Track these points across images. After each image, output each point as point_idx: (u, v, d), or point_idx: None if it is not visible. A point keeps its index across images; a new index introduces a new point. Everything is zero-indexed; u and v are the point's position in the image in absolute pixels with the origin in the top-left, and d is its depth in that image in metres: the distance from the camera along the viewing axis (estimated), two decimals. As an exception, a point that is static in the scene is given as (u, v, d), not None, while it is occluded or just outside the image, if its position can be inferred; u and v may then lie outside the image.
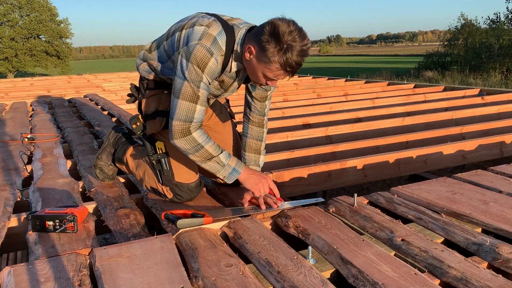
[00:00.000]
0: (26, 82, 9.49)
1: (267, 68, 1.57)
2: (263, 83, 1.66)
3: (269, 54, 1.52)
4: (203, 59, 1.58)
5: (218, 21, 1.65)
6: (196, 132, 1.66)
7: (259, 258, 1.38)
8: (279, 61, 1.52)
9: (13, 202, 1.97)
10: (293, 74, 1.60)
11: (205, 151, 1.66)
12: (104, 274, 1.28)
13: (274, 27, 1.50)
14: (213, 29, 1.62)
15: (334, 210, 1.76)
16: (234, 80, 1.80)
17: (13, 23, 28.11)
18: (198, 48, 1.58)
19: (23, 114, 4.64)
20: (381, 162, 2.63)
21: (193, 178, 1.88)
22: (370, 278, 1.22)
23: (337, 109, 4.68)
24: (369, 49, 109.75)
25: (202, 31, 1.61)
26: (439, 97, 5.36)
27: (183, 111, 1.63)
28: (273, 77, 1.60)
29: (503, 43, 17.06)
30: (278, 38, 1.49)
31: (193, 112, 1.64)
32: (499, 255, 1.33)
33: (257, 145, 1.98)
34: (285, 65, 1.53)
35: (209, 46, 1.59)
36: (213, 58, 1.60)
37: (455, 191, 1.90)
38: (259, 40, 1.54)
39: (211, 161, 1.68)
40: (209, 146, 1.67)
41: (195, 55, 1.58)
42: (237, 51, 1.66)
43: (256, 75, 1.64)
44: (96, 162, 2.13)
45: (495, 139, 3.08)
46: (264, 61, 1.55)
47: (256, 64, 1.59)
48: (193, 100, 1.63)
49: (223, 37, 1.63)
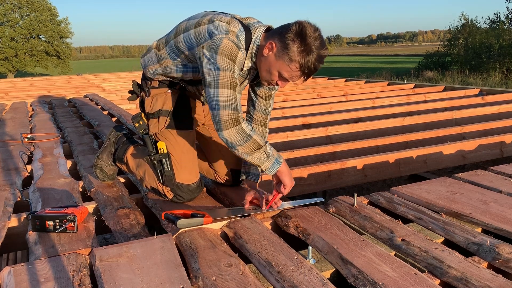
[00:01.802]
0: (26, 82, 9.49)
1: (286, 67, 1.56)
2: (274, 82, 1.65)
3: (292, 53, 1.53)
4: (232, 52, 1.58)
5: (236, 20, 1.66)
6: (244, 122, 1.62)
7: (259, 258, 1.38)
8: (300, 62, 1.53)
9: (13, 202, 1.97)
10: (307, 78, 1.61)
11: (253, 142, 1.62)
12: (104, 274, 1.28)
13: (302, 28, 1.52)
14: (234, 26, 1.62)
15: (334, 210, 1.76)
16: (245, 78, 1.80)
17: (13, 23, 28.11)
18: (225, 42, 1.57)
19: (23, 114, 4.64)
20: (381, 162, 2.63)
21: (194, 179, 1.88)
22: (370, 278, 1.22)
23: (337, 109, 4.68)
24: (369, 49, 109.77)
25: (225, 27, 1.60)
26: (439, 97, 5.37)
27: (227, 99, 1.58)
28: (288, 77, 1.60)
29: (503, 43, 17.06)
30: (304, 40, 1.51)
31: (236, 99, 1.60)
32: (499, 255, 1.33)
33: None
34: (305, 67, 1.55)
35: (236, 40, 1.59)
36: (241, 52, 1.61)
37: (455, 191, 1.90)
38: (283, 38, 1.54)
39: (258, 151, 1.64)
40: (256, 136, 1.63)
41: (224, 47, 1.57)
42: (252, 50, 1.67)
43: (270, 73, 1.62)
44: (96, 162, 2.13)
45: (495, 139, 3.08)
46: (284, 59, 1.55)
47: (273, 61, 1.59)
48: (233, 88, 1.59)
49: (243, 35, 1.63)
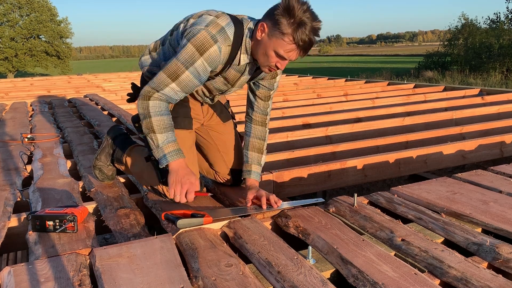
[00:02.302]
0: (26, 82, 9.49)
1: (280, 42, 1.56)
2: (273, 64, 1.64)
3: (282, 27, 1.54)
4: (204, 44, 1.58)
5: (227, 14, 1.67)
6: (154, 101, 1.64)
7: (259, 258, 1.38)
8: (292, 34, 1.53)
9: (13, 202, 1.97)
10: (304, 51, 1.59)
11: (149, 123, 1.64)
12: (104, 274, 1.28)
13: (288, 2, 1.53)
14: (222, 20, 1.63)
15: (334, 210, 1.76)
16: (242, 74, 1.80)
17: (13, 23, 28.12)
18: (202, 33, 1.58)
19: (23, 114, 4.64)
20: (381, 162, 2.63)
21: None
22: (370, 278, 1.22)
23: (337, 109, 4.68)
24: (369, 49, 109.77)
25: (210, 19, 1.62)
26: (439, 97, 5.37)
27: (156, 80, 1.63)
28: (284, 54, 1.58)
29: (503, 43, 17.06)
30: (292, 12, 1.52)
31: (164, 86, 1.63)
32: (499, 255, 1.33)
33: (260, 144, 1.97)
34: (298, 39, 1.54)
35: (215, 33, 1.59)
36: (216, 46, 1.59)
37: (455, 191, 1.90)
38: (272, 16, 1.56)
39: (149, 135, 1.66)
40: (156, 120, 1.63)
41: (197, 38, 1.57)
42: (246, 43, 1.67)
43: (267, 55, 1.62)
44: (95, 162, 2.13)
45: (495, 139, 3.08)
46: (277, 35, 1.56)
47: (267, 41, 1.59)
48: (171, 77, 1.62)
49: (231, 28, 1.64)
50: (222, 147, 2.01)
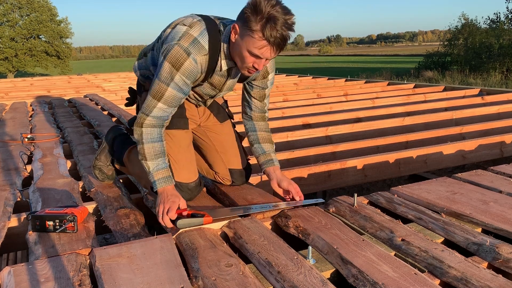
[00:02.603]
0: (26, 82, 9.50)
1: (251, 41, 1.53)
2: (250, 65, 1.61)
3: (251, 24, 1.50)
4: (178, 59, 1.58)
5: (202, 21, 1.64)
6: (146, 129, 1.67)
7: (259, 258, 1.38)
8: (262, 30, 1.50)
9: (13, 202, 1.97)
10: (278, 48, 1.55)
11: (141, 149, 1.67)
12: (104, 274, 1.28)
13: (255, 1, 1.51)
14: (195, 29, 1.61)
15: (334, 210, 1.76)
16: (227, 78, 1.79)
17: (13, 23, 28.12)
18: (175, 48, 1.58)
19: (23, 114, 4.64)
20: (381, 162, 2.63)
21: (193, 178, 1.88)
22: (370, 278, 1.22)
23: (337, 109, 4.68)
24: (369, 49, 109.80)
25: (183, 31, 1.60)
26: (439, 97, 5.37)
27: (146, 105, 1.66)
28: (257, 52, 1.55)
29: (503, 43, 17.06)
30: (259, 9, 1.49)
31: (153, 108, 1.65)
32: (499, 255, 1.33)
33: (268, 136, 1.99)
34: (267, 34, 1.50)
35: (187, 46, 1.58)
36: (190, 58, 1.59)
37: (455, 191, 1.90)
38: (242, 16, 1.54)
39: (142, 161, 1.69)
40: (148, 148, 1.67)
41: (171, 54, 1.58)
42: (224, 49, 1.66)
43: (242, 56, 1.59)
44: (95, 162, 2.13)
45: (495, 139, 3.08)
46: (247, 34, 1.53)
47: (240, 42, 1.57)
48: (156, 97, 1.64)
49: (205, 37, 1.62)
50: (220, 148, 2.01)
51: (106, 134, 2.17)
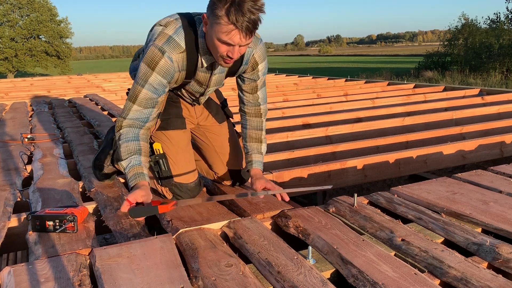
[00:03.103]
0: (26, 82, 9.50)
1: (218, 27, 1.47)
2: (224, 54, 1.54)
3: (217, 11, 1.45)
4: (153, 59, 1.58)
5: (179, 19, 1.62)
6: (124, 129, 1.66)
7: (259, 258, 1.38)
8: (227, 14, 1.43)
9: (13, 202, 1.97)
10: (247, 31, 1.47)
11: (118, 150, 1.66)
12: (104, 274, 1.28)
13: None
14: (170, 28, 1.60)
15: (334, 210, 1.76)
16: (211, 74, 1.77)
17: (13, 23, 28.13)
18: (150, 49, 1.58)
19: (23, 114, 4.64)
20: (381, 162, 2.63)
21: (192, 178, 1.88)
22: (370, 278, 1.22)
23: (337, 109, 4.68)
24: (369, 49, 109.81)
25: (158, 31, 1.60)
26: (439, 97, 5.37)
27: (123, 108, 1.68)
28: (227, 39, 1.48)
29: (503, 43, 17.07)
30: None
31: (129, 110, 1.65)
32: (499, 255, 1.33)
33: (257, 134, 1.95)
34: (233, 18, 1.43)
35: (161, 45, 1.57)
36: (165, 57, 1.58)
37: (455, 191, 1.90)
38: (210, 5, 1.49)
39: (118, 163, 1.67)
40: (123, 147, 1.64)
41: (147, 55, 1.59)
42: (201, 44, 1.63)
43: (214, 46, 1.54)
44: (95, 162, 2.13)
45: (495, 139, 3.08)
46: (214, 21, 1.47)
47: (210, 31, 1.52)
48: (131, 100, 1.64)
49: (181, 34, 1.60)
50: (219, 148, 2.01)
51: (106, 134, 2.17)
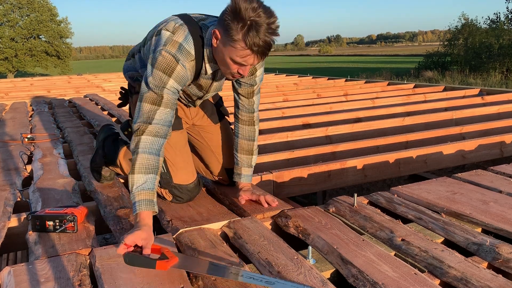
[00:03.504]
0: (26, 82, 9.50)
1: (233, 50, 1.46)
2: (234, 71, 1.54)
3: (233, 33, 1.41)
4: (169, 65, 1.52)
5: (185, 25, 1.57)
6: (147, 137, 1.49)
7: (259, 258, 1.38)
8: (244, 40, 1.41)
9: (13, 202, 1.97)
10: (262, 55, 1.47)
11: (134, 160, 1.47)
12: (104, 274, 1.28)
13: (235, 3, 1.41)
14: (178, 35, 1.55)
15: (334, 210, 1.76)
16: (213, 80, 1.76)
17: (13, 23, 28.13)
18: (163, 54, 1.51)
19: (23, 114, 4.64)
20: (381, 162, 2.63)
21: (191, 179, 1.87)
22: (370, 278, 1.22)
23: (337, 109, 4.68)
24: (369, 49, 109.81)
25: (167, 37, 1.54)
26: (439, 97, 5.37)
27: (144, 113, 1.52)
28: (241, 61, 1.48)
29: (503, 43, 17.08)
30: (239, 15, 1.39)
31: (154, 113, 1.53)
32: (499, 255, 1.33)
33: (249, 145, 1.91)
34: (251, 44, 1.41)
35: (175, 52, 1.53)
36: (180, 65, 1.54)
37: (455, 191, 1.90)
38: (222, 21, 1.45)
39: (129, 175, 1.47)
40: (141, 158, 1.46)
41: (161, 61, 1.52)
42: (207, 53, 1.60)
43: (225, 63, 1.53)
44: (91, 165, 2.12)
45: (495, 139, 3.08)
46: (229, 43, 1.45)
47: (222, 49, 1.49)
48: (155, 103, 1.53)
49: (190, 42, 1.56)
50: (215, 148, 2.00)
51: (98, 135, 2.14)
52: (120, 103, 2.05)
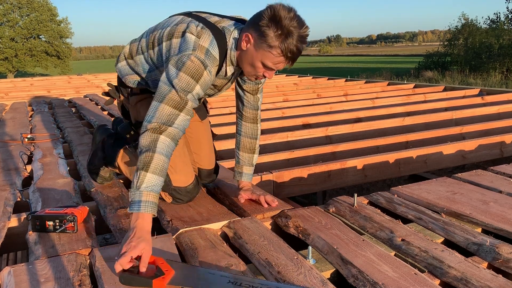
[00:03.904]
0: (26, 82, 9.50)
1: (267, 55, 1.50)
2: (260, 74, 1.58)
3: (270, 40, 1.46)
4: (197, 71, 1.51)
5: (207, 29, 1.57)
6: (166, 138, 1.46)
7: (259, 258, 1.38)
8: (280, 47, 1.46)
9: (13, 202, 1.97)
10: (292, 62, 1.53)
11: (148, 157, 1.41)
12: (104, 274, 1.28)
13: (274, 11, 1.45)
14: (204, 39, 1.54)
15: (334, 210, 1.76)
16: (228, 80, 1.77)
17: (13, 23, 28.12)
18: (192, 59, 1.50)
19: (23, 114, 4.64)
20: (381, 162, 2.63)
21: (189, 180, 1.86)
22: (370, 278, 1.22)
23: (337, 109, 4.68)
24: (369, 49, 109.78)
25: (193, 41, 1.53)
26: (439, 97, 5.37)
27: (164, 115, 1.48)
28: (272, 65, 1.53)
29: (503, 43, 17.07)
30: (279, 23, 1.44)
31: (175, 117, 1.50)
32: (499, 255, 1.33)
33: (251, 144, 1.92)
34: (286, 51, 1.47)
35: (204, 58, 1.52)
36: (207, 71, 1.54)
37: (455, 191, 1.90)
38: (258, 26, 1.48)
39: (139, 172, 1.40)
40: (158, 158, 1.41)
41: (189, 66, 1.50)
42: (231, 56, 1.61)
43: (253, 66, 1.55)
44: (89, 168, 2.11)
45: (495, 139, 3.08)
46: (264, 47, 1.48)
47: (254, 52, 1.52)
48: (178, 108, 1.50)
49: (215, 47, 1.56)
50: (194, 146, 1.98)
51: (93, 136, 2.13)
52: (107, 100, 2.01)
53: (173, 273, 1.25)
